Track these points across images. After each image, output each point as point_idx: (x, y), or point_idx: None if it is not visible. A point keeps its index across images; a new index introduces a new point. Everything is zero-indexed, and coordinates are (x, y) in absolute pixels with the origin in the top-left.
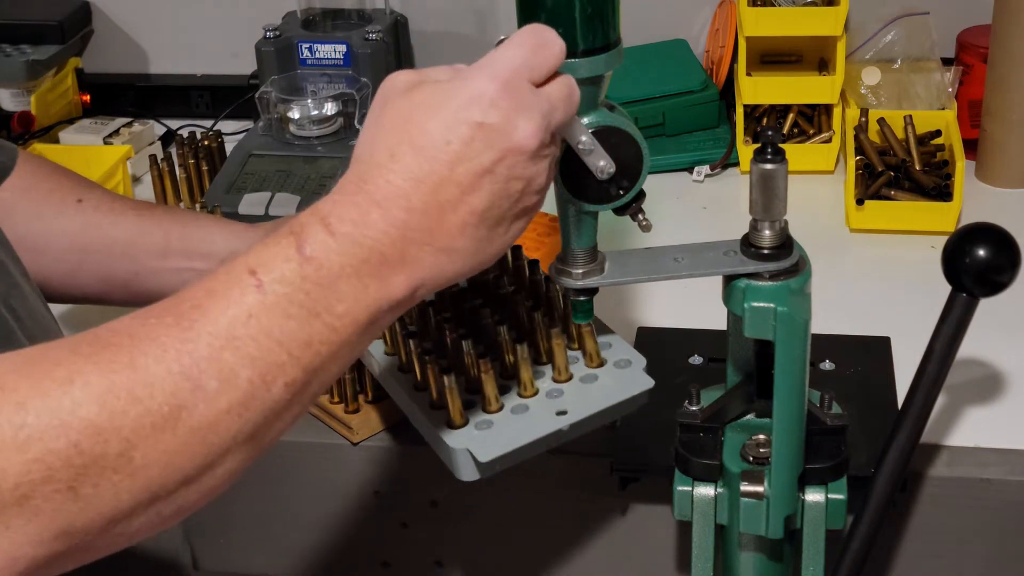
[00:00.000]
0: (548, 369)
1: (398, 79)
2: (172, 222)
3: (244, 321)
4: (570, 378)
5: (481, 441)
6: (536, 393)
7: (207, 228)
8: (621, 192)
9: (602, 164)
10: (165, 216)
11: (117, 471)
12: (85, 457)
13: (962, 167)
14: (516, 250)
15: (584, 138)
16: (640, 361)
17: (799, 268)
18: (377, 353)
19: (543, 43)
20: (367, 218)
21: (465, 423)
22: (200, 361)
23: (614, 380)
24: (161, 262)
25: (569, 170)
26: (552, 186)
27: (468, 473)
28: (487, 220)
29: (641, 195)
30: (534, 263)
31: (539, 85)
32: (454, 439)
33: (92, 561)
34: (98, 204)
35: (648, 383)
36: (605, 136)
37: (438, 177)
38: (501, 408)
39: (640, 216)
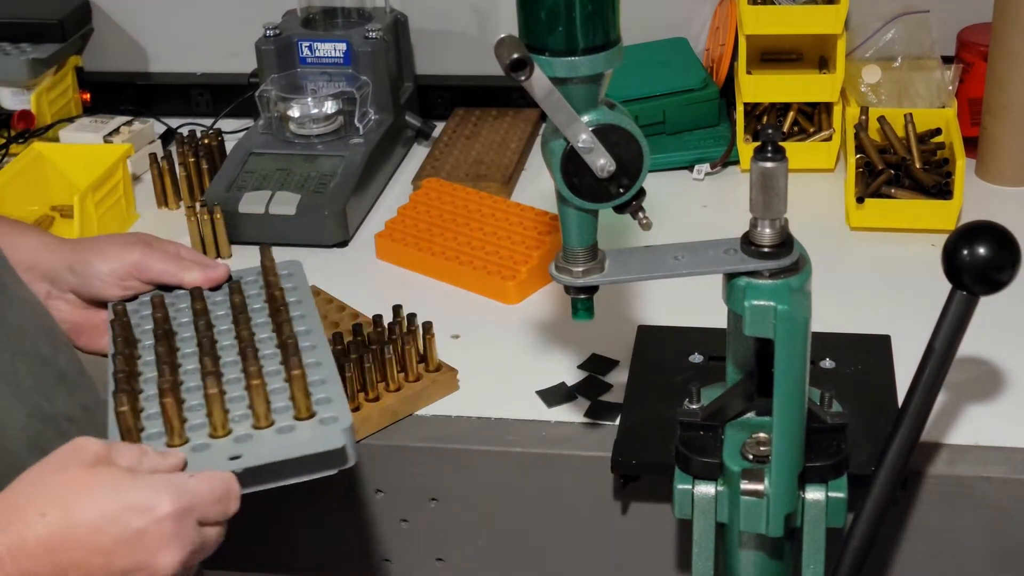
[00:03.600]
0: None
1: (88, 449)
2: None
3: None
4: (271, 424)
5: None
6: (228, 434)
7: (10, 238)
8: (621, 190)
9: (602, 163)
10: None
11: None
12: None
13: (962, 165)
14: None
15: (584, 136)
16: (345, 420)
17: (799, 266)
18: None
19: (228, 497)
20: None
21: None
22: None
23: (309, 435)
24: None
25: (569, 169)
26: (552, 185)
27: None
28: None
29: (641, 193)
30: (278, 309)
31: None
32: None
33: None
34: None
35: (338, 443)
36: (605, 134)
37: (71, 557)
38: (184, 443)
39: (640, 214)
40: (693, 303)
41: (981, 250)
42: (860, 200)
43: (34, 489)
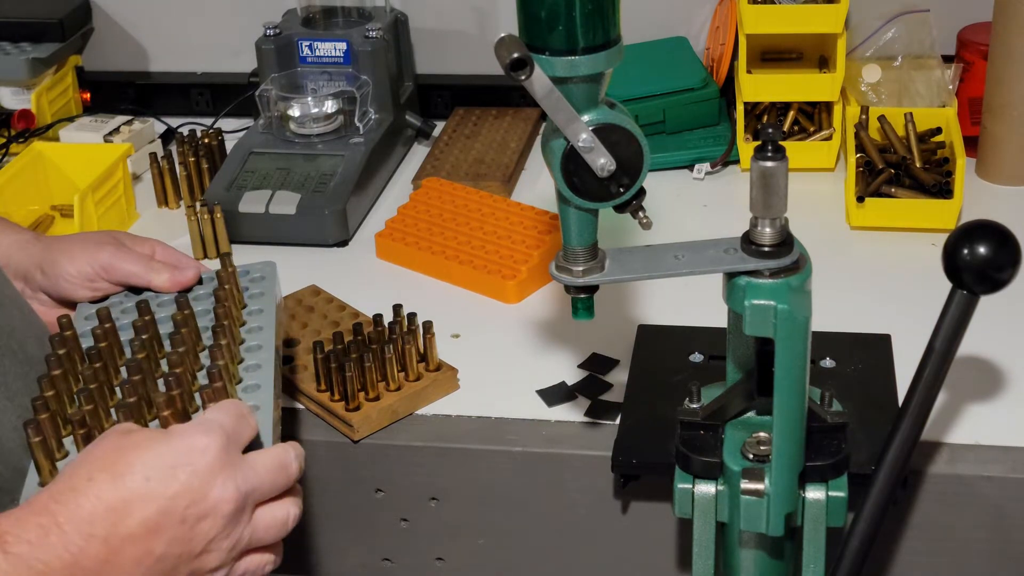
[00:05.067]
0: None
1: (120, 425)
2: None
3: None
4: None
5: None
6: None
7: None
8: (621, 190)
9: (602, 162)
10: None
11: None
12: None
13: (962, 164)
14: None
15: (584, 135)
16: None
17: (799, 265)
18: None
19: (242, 415)
20: (45, 540)
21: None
22: None
23: None
24: None
25: (569, 168)
26: (552, 184)
27: None
28: (160, 565)
29: (641, 193)
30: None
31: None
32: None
33: None
34: None
35: None
36: (605, 134)
37: (128, 508)
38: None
39: (641, 214)
40: (693, 303)
41: (981, 249)
42: (860, 199)
43: (79, 462)
